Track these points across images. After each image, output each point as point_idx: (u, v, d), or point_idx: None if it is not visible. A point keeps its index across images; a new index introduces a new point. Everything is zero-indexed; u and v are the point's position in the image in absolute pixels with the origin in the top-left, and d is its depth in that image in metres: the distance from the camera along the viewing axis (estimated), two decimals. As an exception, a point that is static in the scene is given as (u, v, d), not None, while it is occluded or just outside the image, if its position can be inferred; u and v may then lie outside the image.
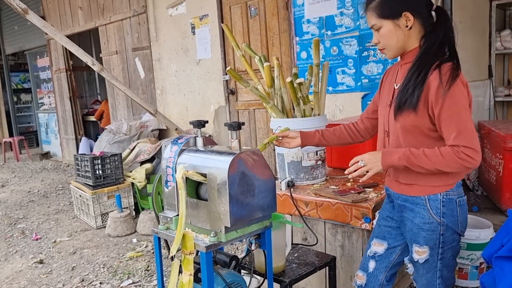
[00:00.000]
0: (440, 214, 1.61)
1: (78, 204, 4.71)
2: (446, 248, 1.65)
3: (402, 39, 1.60)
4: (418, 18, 1.58)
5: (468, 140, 1.48)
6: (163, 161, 1.79)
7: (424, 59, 1.55)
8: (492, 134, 3.43)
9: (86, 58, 4.63)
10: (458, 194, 1.64)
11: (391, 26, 1.59)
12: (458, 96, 1.49)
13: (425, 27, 1.60)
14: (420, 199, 1.64)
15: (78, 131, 7.88)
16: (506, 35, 4.29)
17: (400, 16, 1.57)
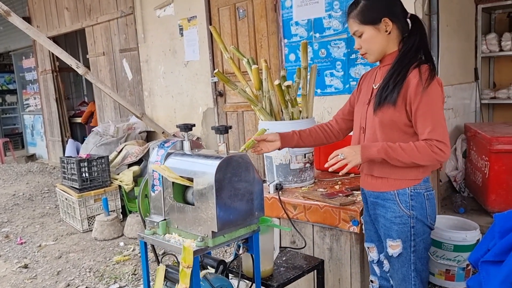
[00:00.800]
0: (409, 207, 1.71)
1: (64, 207, 4.65)
2: (418, 241, 1.74)
3: (383, 43, 1.71)
4: (396, 23, 1.70)
5: (441, 135, 1.60)
6: (150, 164, 1.77)
7: (403, 60, 1.67)
8: (478, 137, 3.47)
9: (70, 61, 4.57)
10: (425, 188, 1.73)
11: (372, 32, 1.70)
12: (435, 95, 1.62)
13: (402, 33, 1.72)
14: (390, 194, 1.74)
15: (64, 133, 7.78)
16: (491, 38, 4.34)
17: (380, 21, 1.68)
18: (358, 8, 1.71)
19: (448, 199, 3.80)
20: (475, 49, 4.40)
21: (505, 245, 1.35)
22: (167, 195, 1.69)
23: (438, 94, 1.63)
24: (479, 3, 4.30)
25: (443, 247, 2.74)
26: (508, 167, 3.16)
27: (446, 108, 3.75)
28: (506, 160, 3.16)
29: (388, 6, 1.70)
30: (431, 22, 3.35)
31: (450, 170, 3.94)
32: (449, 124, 3.87)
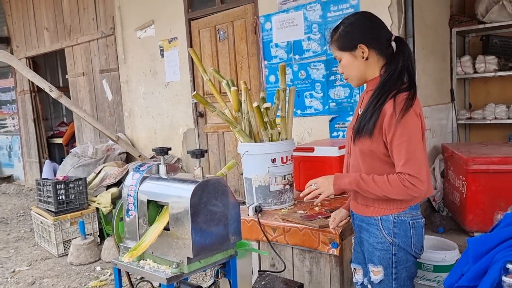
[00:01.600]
0: (391, 235, 1.69)
1: (39, 231, 4.51)
2: (399, 268, 1.71)
3: (361, 69, 1.71)
4: (374, 49, 1.68)
5: (414, 169, 1.56)
6: (124, 188, 1.73)
7: (384, 87, 1.64)
8: (455, 157, 3.52)
9: (43, 84, 4.50)
10: (412, 216, 1.70)
11: (349, 58, 1.71)
12: (410, 125, 1.57)
13: (385, 57, 1.70)
14: (373, 220, 1.73)
15: (42, 154, 7.63)
16: (466, 60, 4.46)
17: (356, 48, 1.68)
18: (337, 34, 1.73)
19: (428, 219, 3.82)
20: (450, 71, 4.51)
21: (478, 269, 1.35)
22: (142, 220, 1.66)
23: (414, 125, 1.59)
24: (453, 27, 4.43)
25: (423, 267, 2.74)
26: (485, 187, 3.21)
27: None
28: (483, 180, 3.21)
29: (365, 32, 1.69)
30: (407, 45, 3.42)
31: (429, 190, 3.97)
32: (427, 144, 3.91)
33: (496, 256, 1.34)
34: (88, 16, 6.04)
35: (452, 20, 4.46)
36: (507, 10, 4.07)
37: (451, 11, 4.54)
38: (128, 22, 5.44)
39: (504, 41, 4.43)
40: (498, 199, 3.14)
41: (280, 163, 2.56)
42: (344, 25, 1.72)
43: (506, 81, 4.56)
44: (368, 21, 1.72)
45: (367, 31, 1.69)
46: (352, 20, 1.73)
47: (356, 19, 1.73)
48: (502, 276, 1.32)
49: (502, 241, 1.40)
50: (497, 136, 4.59)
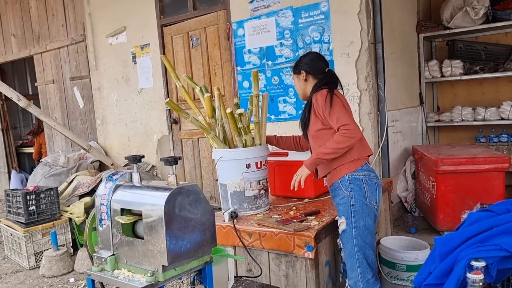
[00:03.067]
0: (348, 189, 2.19)
1: (9, 243, 4.37)
2: (358, 218, 2.17)
3: (302, 87, 2.44)
4: (311, 74, 2.40)
5: (343, 121, 2.15)
6: (97, 198, 1.72)
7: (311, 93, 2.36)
8: (425, 158, 3.62)
9: (11, 93, 4.38)
10: (363, 174, 2.21)
11: (296, 79, 2.48)
12: (332, 101, 2.22)
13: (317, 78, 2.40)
14: (336, 183, 2.25)
15: (11, 164, 7.40)
16: (433, 65, 4.61)
17: (300, 73, 2.42)
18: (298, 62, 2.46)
19: (400, 219, 3.91)
20: (419, 75, 4.64)
21: (445, 267, 1.40)
22: (116, 229, 1.64)
23: (334, 101, 2.21)
24: (421, 32, 4.57)
25: (396, 267, 2.81)
26: (454, 187, 3.31)
27: (395, 132, 3.91)
28: (452, 181, 3.32)
29: (308, 63, 2.40)
30: (377, 51, 3.52)
31: (400, 191, 4.07)
32: (398, 146, 4.03)
33: (461, 254, 1.39)
34: (58, 23, 5.92)
35: (419, 26, 4.60)
36: (470, 16, 4.22)
37: (418, 17, 4.68)
38: (99, 28, 5.37)
39: (469, 46, 4.60)
40: (466, 198, 3.25)
41: (255, 168, 2.57)
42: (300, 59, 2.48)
43: (471, 84, 4.73)
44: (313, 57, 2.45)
45: (311, 63, 2.41)
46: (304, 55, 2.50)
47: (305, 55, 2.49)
48: (467, 273, 1.37)
49: (466, 239, 1.46)
50: (464, 137, 4.75)
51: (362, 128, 3.49)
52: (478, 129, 4.64)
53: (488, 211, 1.66)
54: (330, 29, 3.54)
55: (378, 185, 2.25)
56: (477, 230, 1.45)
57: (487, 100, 4.63)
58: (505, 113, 4.26)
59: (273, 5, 3.85)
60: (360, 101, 3.49)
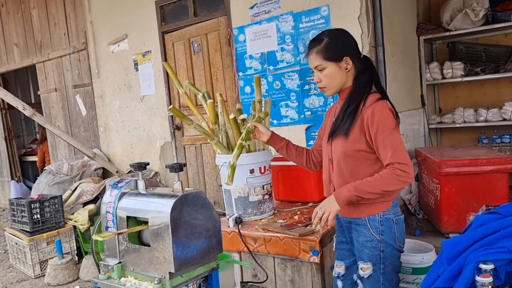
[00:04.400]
0: (379, 232, 1.82)
1: (14, 252, 4.39)
2: (387, 264, 1.85)
3: (342, 79, 1.86)
4: (354, 62, 1.86)
5: (401, 158, 1.72)
6: (103, 205, 1.72)
7: (355, 94, 1.84)
8: (428, 161, 3.62)
9: (16, 103, 4.40)
10: (394, 213, 1.85)
11: (334, 68, 1.84)
12: (388, 120, 1.75)
13: (357, 70, 1.88)
14: (361, 220, 1.85)
15: (14, 172, 7.43)
16: (434, 67, 4.61)
17: (342, 59, 1.83)
18: (322, 44, 1.83)
19: (404, 222, 3.90)
20: (420, 77, 4.65)
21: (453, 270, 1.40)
22: (122, 237, 1.65)
23: (390, 119, 1.76)
24: (421, 35, 4.58)
25: (402, 270, 2.80)
26: (458, 189, 3.30)
27: (397, 134, 3.90)
28: (455, 182, 3.31)
29: (349, 46, 1.86)
30: (377, 54, 3.53)
31: (404, 193, 4.07)
32: (401, 149, 4.03)
33: (469, 257, 1.39)
34: (59, 31, 5.96)
35: (419, 28, 4.61)
36: (470, 18, 4.23)
37: (418, 19, 4.69)
38: (100, 36, 5.40)
39: (469, 47, 4.60)
40: (470, 200, 3.24)
41: (259, 173, 2.58)
42: (330, 37, 1.85)
43: (472, 86, 4.73)
44: (351, 38, 1.90)
45: (350, 46, 1.87)
46: (338, 34, 1.89)
47: (341, 34, 1.90)
48: (476, 276, 1.37)
49: (474, 242, 1.46)
50: (467, 138, 4.74)
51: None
52: (480, 130, 4.63)
53: (494, 213, 1.66)
54: (330, 33, 3.55)
55: (403, 223, 1.94)
56: (485, 233, 1.45)
57: (489, 101, 4.63)
58: (507, 114, 4.26)
59: (273, 10, 3.87)
60: (362, 105, 3.49)
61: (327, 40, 1.84)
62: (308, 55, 1.89)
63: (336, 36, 1.87)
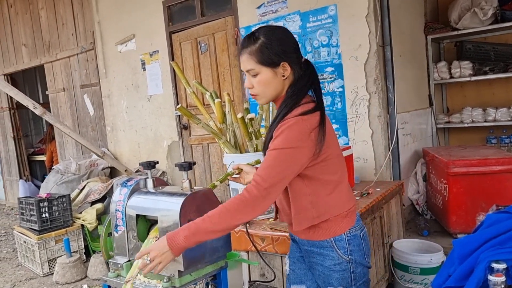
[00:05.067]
0: (348, 253, 1.57)
1: (23, 250, 4.42)
2: (358, 284, 1.62)
3: (278, 87, 1.56)
4: (294, 68, 1.55)
5: (264, 175, 1.41)
6: (112, 204, 1.73)
7: (283, 105, 1.54)
8: (436, 160, 3.61)
9: (27, 102, 4.45)
10: (360, 228, 1.62)
11: (269, 74, 1.53)
12: (289, 137, 1.43)
13: (295, 77, 1.57)
14: (326, 243, 1.58)
15: (23, 172, 7.49)
16: (442, 66, 4.59)
17: (279, 65, 1.52)
18: (257, 45, 1.53)
19: (412, 222, 3.89)
20: (427, 77, 4.63)
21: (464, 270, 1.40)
22: (131, 235, 1.66)
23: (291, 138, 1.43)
24: (429, 34, 4.56)
25: (410, 271, 2.79)
26: (466, 189, 3.29)
27: (405, 134, 3.90)
28: (464, 182, 3.29)
29: (289, 50, 1.54)
30: (385, 53, 3.51)
31: (412, 193, 4.05)
32: (408, 149, 4.02)
33: (480, 256, 1.38)
34: (67, 32, 6.00)
35: (427, 27, 4.59)
36: (478, 17, 4.21)
37: (425, 19, 4.67)
38: (108, 36, 5.43)
39: (478, 47, 4.57)
40: (479, 200, 3.23)
41: (266, 172, 2.57)
42: (267, 37, 1.53)
43: (481, 85, 4.70)
44: (292, 40, 1.58)
45: (291, 49, 1.55)
46: (276, 34, 1.55)
47: (281, 34, 1.57)
48: (488, 275, 1.36)
49: (485, 241, 1.45)
50: (475, 138, 4.71)
51: (371, 131, 3.49)
52: (489, 130, 4.61)
53: (505, 212, 1.65)
54: (338, 32, 3.55)
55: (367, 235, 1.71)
56: (496, 232, 1.44)
57: (498, 101, 4.60)
58: (516, 113, 4.23)
59: (280, 10, 3.87)
60: (370, 104, 3.48)
61: (263, 40, 1.52)
62: (240, 55, 1.57)
63: (275, 37, 1.54)
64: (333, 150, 1.55)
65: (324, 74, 3.67)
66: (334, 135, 1.61)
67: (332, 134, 1.58)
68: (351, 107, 3.57)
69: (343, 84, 3.58)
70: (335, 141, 1.61)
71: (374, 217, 2.75)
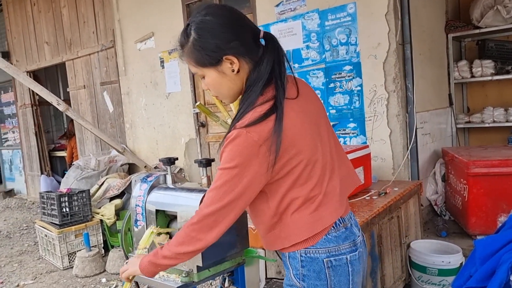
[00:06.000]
0: (299, 277, 1.27)
1: (44, 244, 4.53)
2: None
3: (232, 86, 1.29)
4: (244, 57, 1.26)
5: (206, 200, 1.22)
6: (132, 199, 1.76)
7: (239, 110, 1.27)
8: (455, 161, 3.56)
9: (51, 98, 4.54)
10: (328, 251, 1.25)
11: (214, 74, 1.28)
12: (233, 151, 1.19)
13: (250, 66, 1.28)
14: (283, 256, 1.34)
15: (44, 167, 7.65)
16: (462, 65, 4.52)
17: (221, 61, 1.25)
18: (189, 44, 1.27)
19: (430, 223, 3.85)
20: (448, 76, 4.56)
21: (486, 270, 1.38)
22: (151, 230, 1.68)
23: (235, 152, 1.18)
24: (449, 32, 4.49)
25: (427, 271, 2.77)
26: (486, 190, 3.24)
27: (424, 134, 3.85)
28: (484, 183, 3.24)
29: (227, 39, 1.23)
30: (405, 52, 3.48)
31: (430, 194, 4.00)
32: (427, 148, 3.97)
33: (503, 257, 1.36)
34: (89, 30, 6.10)
35: (448, 25, 4.53)
36: (501, 15, 4.13)
37: (446, 17, 4.61)
38: (128, 34, 5.50)
39: (500, 45, 4.48)
40: (500, 201, 3.17)
41: (284, 170, 2.58)
42: (198, 31, 1.25)
43: (503, 85, 4.61)
44: (230, 20, 1.25)
45: (232, 36, 1.23)
46: (208, 23, 1.24)
47: (213, 21, 1.24)
48: (510, 276, 1.34)
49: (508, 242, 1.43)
50: (496, 139, 4.63)
51: (390, 130, 3.46)
52: (511, 130, 4.52)
53: (528, 213, 1.63)
54: (357, 30, 3.53)
55: (353, 264, 1.28)
56: (520, 233, 1.42)
57: (520, 101, 4.51)
58: (540, 113, 4.14)
59: (299, 8, 3.87)
60: (388, 103, 3.45)
61: (194, 37, 1.25)
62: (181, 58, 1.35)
63: (206, 29, 1.23)
64: (306, 155, 1.24)
65: (342, 72, 3.65)
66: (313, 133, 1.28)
67: (306, 134, 1.25)
68: (369, 105, 3.55)
69: (361, 83, 3.56)
70: (313, 142, 1.27)
71: (392, 216, 2.73)
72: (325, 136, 1.34)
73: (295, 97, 1.28)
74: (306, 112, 1.29)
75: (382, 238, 2.58)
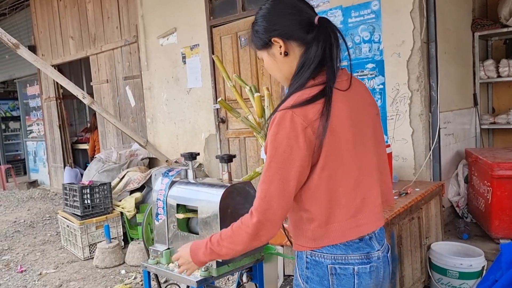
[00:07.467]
0: (304, 278, 1.28)
1: (66, 234, 4.63)
2: None
3: (283, 68, 1.31)
4: (292, 39, 1.28)
5: (259, 199, 1.19)
6: (154, 193, 1.79)
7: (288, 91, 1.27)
8: (479, 162, 3.48)
9: (76, 91, 4.63)
10: (333, 258, 1.23)
11: (267, 57, 1.34)
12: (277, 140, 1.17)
13: (304, 45, 1.28)
14: (295, 254, 1.35)
15: (67, 159, 7.81)
16: (489, 64, 4.41)
17: (270, 43, 1.30)
18: (253, 30, 1.36)
19: (451, 225, 3.78)
20: (473, 75, 4.46)
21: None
22: (171, 224, 1.70)
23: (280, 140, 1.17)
24: (476, 31, 4.39)
25: (448, 274, 2.73)
26: (511, 193, 3.16)
27: (447, 134, 3.78)
28: (509, 186, 3.17)
29: (276, 21, 1.29)
30: (430, 50, 3.42)
31: (452, 195, 3.93)
32: (450, 149, 3.90)
33: (529, 262, 1.33)
34: (112, 25, 6.19)
35: (474, 24, 4.42)
36: (531, 13, 4.01)
37: (473, 15, 4.50)
38: (150, 30, 5.56)
39: (529, 45, 4.37)
40: (524, 205, 3.10)
41: (303, 168, 2.57)
42: (258, 16, 1.34)
43: (531, 85, 4.49)
44: (281, 7, 1.30)
45: (281, 18, 1.28)
46: (262, 10, 1.33)
47: (266, 8, 1.32)
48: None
49: (534, 246, 1.39)
50: (523, 141, 4.52)
51: (412, 129, 3.41)
52: (538, 132, 4.40)
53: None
54: (380, 28, 3.48)
55: (361, 277, 1.23)
56: (546, 237, 1.38)
57: (549, 102, 4.39)
58: None
59: (322, 5, 3.83)
60: (411, 102, 3.40)
61: (255, 20, 1.35)
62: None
63: (260, 14, 1.33)
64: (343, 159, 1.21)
65: (364, 70, 3.61)
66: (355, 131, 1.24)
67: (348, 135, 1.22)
68: (392, 104, 3.50)
69: (384, 81, 3.52)
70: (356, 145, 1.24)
71: (413, 217, 2.70)
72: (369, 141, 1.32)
73: (345, 89, 1.27)
74: (354, 108, 1.27)
75: (402, 239, 2.55)
